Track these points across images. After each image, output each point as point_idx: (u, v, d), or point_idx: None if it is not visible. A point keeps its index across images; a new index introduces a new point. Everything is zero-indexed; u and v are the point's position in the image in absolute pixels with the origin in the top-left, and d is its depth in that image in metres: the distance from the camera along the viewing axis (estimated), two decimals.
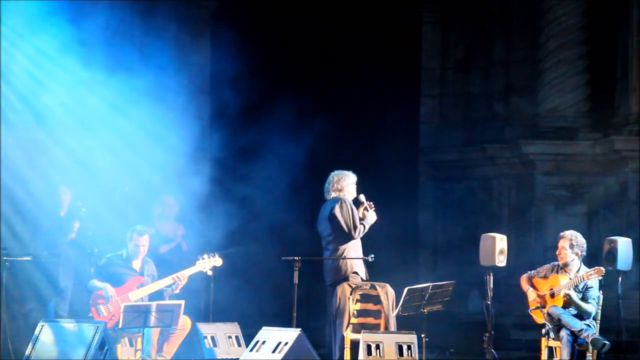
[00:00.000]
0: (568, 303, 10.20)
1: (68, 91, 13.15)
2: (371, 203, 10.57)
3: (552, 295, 10.26)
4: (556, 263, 10.48)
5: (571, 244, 10.31)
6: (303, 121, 13.97)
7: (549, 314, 10.16)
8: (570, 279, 10.23)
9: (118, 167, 13.10)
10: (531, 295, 10.37)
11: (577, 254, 10.34)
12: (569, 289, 10.15)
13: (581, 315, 10.22)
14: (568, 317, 10.10)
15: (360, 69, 15.04)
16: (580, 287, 10.22)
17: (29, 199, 12.70)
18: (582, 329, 10.01)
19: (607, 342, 9.95)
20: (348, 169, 10.86)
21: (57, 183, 12.58)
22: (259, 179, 14.19)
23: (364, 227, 10.50)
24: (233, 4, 14.72)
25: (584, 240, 10.40)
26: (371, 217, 10.57)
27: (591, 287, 10.23)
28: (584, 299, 10.22)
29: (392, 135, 14.75)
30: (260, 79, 14.37)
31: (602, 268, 10.19)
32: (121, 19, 13.46)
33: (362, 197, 10.64)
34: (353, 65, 15.03)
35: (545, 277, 10.44)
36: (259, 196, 14.21)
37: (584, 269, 10.34)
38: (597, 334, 10.06)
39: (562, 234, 10.44)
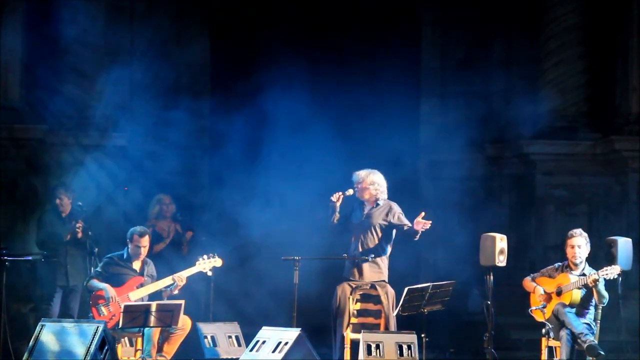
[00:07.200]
0: (575, 301, 10.20)
1: None
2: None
3: (559, 293, 10.25)
4: (561, 264, 10.48)
5: (586, 241, 10.34)
6: (303, 121, 13.98)
7: (553, 312, 10.15)
8: (580, 277, 10.23)
9: None
10: (537, 291, 10.34)
11: (589, 252, 10.38)
12: (593, 280, 10.10)
13: (584, 315, 10.24)
14: (571, 317, 10.09)
15: (360, 68, 15.04)
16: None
17: None
18: (582, 332, 10.01)
19: (602, 352, 9.93)
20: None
21: None
22: (258, 180, 14.21)
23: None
24: None
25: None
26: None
27: (598, 279, 10.23)
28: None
29: (392, 135, 14.74)
30: (258, 79, 14.43)
31: (619, 266, 10.19)
32: None
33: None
34: (353, 65, 15.03)
35: (550, 276, 10.44)
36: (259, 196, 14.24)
37: (587, 267, 10.35)
38: (596, 341, 10.06)
39: (572, 232, 10.40)
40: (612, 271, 10.05)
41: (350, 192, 10.58)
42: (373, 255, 10.47)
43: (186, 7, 14.89)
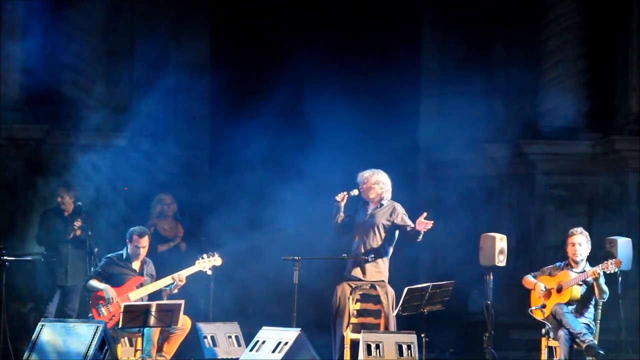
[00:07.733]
0: (574, 297, 10.20)
1: None
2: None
3: (559, 290, 10.26)
4: (562, 262, 10.49)
5: (587, 240, 10.34)
6: (302, 120, 13.98)
7: (552, 312, 10.15)
8: (580, 274, 10.23)
9: None
10: (538, 288, 10.33)
11: (589, 251, 10.38)
12: (594, 272, 10.10)
13: (584, 313, 10.24)
14: (570, 317, 10.09)
15: (360, 68, 15.04)
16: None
17: None
18: (580, 332, 10.01)
19: (601, 351, 9.93)
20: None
21: None
22: (259, 180, 14.21)
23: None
24: None
25: None
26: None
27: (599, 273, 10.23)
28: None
29: (392, 135, 14.74)
30: (258, 80, 14.45)
31: (619, 259, 10.19)
32: None
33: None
34: (353, 64, 15.03)
35: (550, 274, 10.44)
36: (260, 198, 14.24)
37: (588, 265, 10.36)
38: (595, 340, 10.06)
39: (573, 230, 10.41)
40: (612, 264, 10.05)
41: (355, 192, 10.57)
42: (373, 256, 10.45)
43: (186, 7, 14.90)
